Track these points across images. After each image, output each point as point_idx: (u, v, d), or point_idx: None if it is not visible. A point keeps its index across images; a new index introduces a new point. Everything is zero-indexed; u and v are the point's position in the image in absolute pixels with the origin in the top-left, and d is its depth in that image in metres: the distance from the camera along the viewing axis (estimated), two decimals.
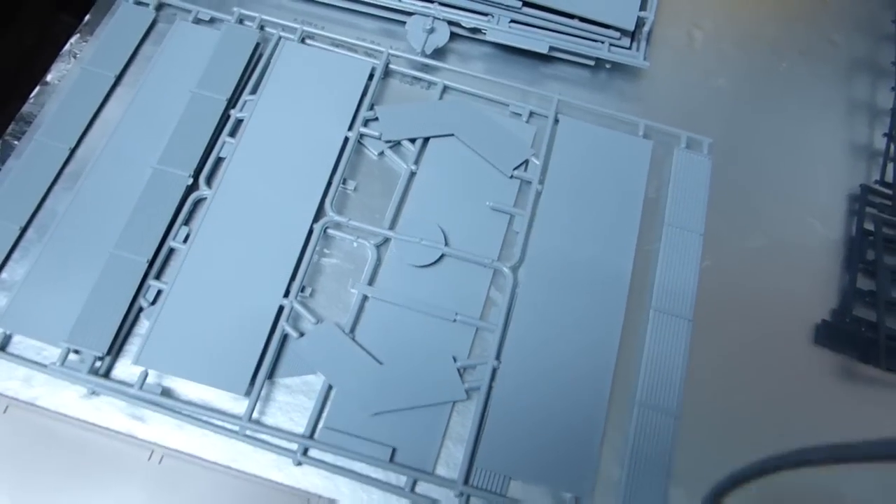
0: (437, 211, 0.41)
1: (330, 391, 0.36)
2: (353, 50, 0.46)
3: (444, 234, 0.40)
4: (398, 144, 0.43)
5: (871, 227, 0.44)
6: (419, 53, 0.45)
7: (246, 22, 0.46)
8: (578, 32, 0.46)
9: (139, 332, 0.37)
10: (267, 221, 0.39)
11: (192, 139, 0.41)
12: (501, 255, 0.41)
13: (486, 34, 0.46)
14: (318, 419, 0.36)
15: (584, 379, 0.38)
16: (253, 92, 0.43)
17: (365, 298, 0.39)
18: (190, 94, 0.42)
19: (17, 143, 0.41)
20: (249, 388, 0.35)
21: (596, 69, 0.48)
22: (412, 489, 0.35)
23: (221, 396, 0.36)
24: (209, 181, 0.41)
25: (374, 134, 0.43)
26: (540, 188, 0.42)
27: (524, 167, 0.43)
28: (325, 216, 0.40)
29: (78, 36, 0.45)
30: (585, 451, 0.36)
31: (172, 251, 0.39)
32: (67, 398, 0.35)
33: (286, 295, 0.38)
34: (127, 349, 0.37)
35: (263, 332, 0.37)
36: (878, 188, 0.46)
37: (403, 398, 0.36)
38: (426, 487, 0.35)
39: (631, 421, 0.37)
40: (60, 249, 0.37)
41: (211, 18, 0.46)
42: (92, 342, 0.35)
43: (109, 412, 0.35)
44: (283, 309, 0.37)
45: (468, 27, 0.46)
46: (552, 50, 0.46)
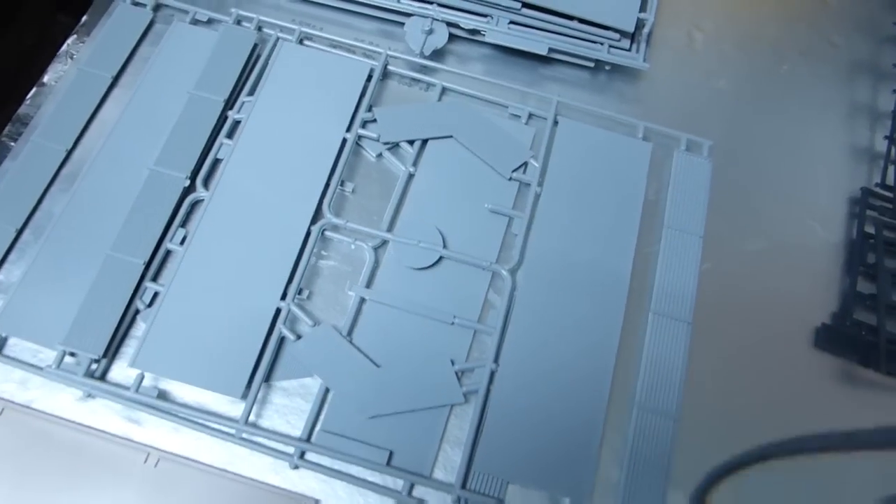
0: (435, 213, 0.41)
1: (327, 394, 0.36)
2: (351, 51, 0.46)
3: (442, 236, 0.40)
4: (396, 146, 0.43)
5: (871, 230, 0.44)
6: (418, 55, 0.45)
7: (244, 23, 0.46)
8: (578, 34, 0.46)
9: (135, 334, 0.37)
10: (264, 223, 0.39)
11: (189, 141, 0.40)
12: (500, 257, 0.40)
13: (485, 35, 0.46)
14: (314, 422, 0.36)
15: (583, 382, 0.37)
16: (251, 93, 0.43)
17: (362, 301, 0.38)
18: (187, 95, 0.42)
19: (13, 144, 0.41)
20: (246, 390, 0.35)
21: (595, 71, 0.48)
22: (409, 493, 0.35)
23: (218, 399, 0.36)
24: (206, 183, 0.40)
25: (372, 135, 0.42)
26: (539, 190, 0.42)
27: (523, 169, 0.43)
28: (322, 218, 0.40)
29: (75, 37, 0.45)
30: (584, 454, 0.36)
31: (169, 253, 0.39)
32: (63, 401, 0.35)
33: (283, 297, 0.37)
34: (123, 352, 0.36)
35: (260, 334, 0.36)
36: (878, 191, 0.45)
37: (401, 401, 0.36)
38: (423, 491, 0.35)
39: (630, 424, 0.37)
40: (57, 251, 0.37)
41: (208, 19, 0.46)
42: (88, 345, 0.35)
43: (105, 415, 0.35)
44: (280, 311, 0.37)
45: (467, 28, 0.46)
46: (551, 51, 0.46)
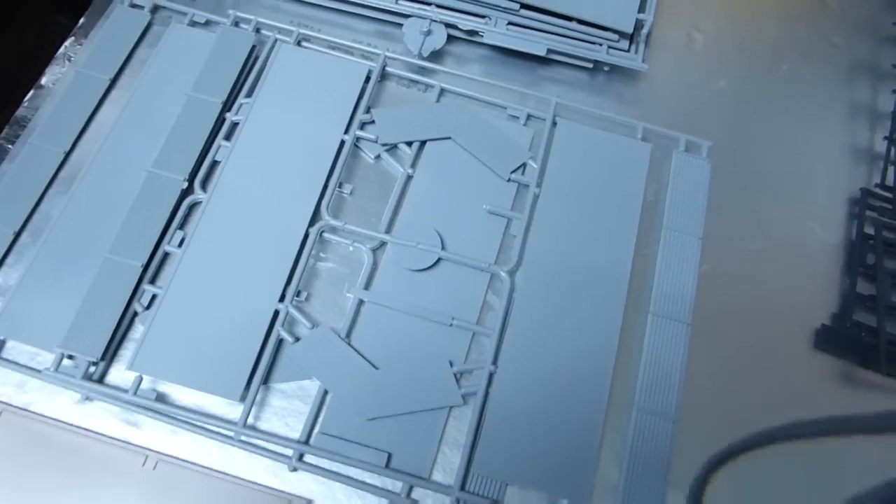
0: (433, 214, 0.41)
1: (326, 396, 0.36)
2: (349, 52, 0.46)
3: (440, 237, 0.40)
4: (395, 147, 0.43)
5: (871, 230, 0.44)
6: (416, 56, 0.45)
7: (242, 24, 0.46)
8: (576, 35, 0.46)
9: (134, 336, 0.37)
10: (262, 225, 0.39)
11: (187, 143, 0.40)
12: (498, 258, 0.40)
13: (483, 36, 0.46)
14: (313, 424, 0.35)
15: (581, 383, 0.37)
16: (249, 95, 0.43)
17: (361, 303, 0.38)
18: (185, 97, 0.42)
19: (11, 146, 0.41)
20: (244, 393, 0.35)
21: (594, 72, 0.48)
22: (408, 495, 0.35)
23: (216, 402, 0.36)
24: (204, 185, 0.40)
25: (370, 137, 0.42)
26: (537, 191, 0.42)
27: (522, 170, 0.43)
28: (320, 220, 0.40)
29: (73, 39, 0.45)
30: (583, 456, 0.36)
31: (167, 255, 0.39)
32: (61, 404, 0.35)
33: (281, 299, 0.37)
34: (121, 354, 0.36)
35: (258, 336, 0.36)
36: (878, 192, 0.45)
37: (399, 403, 0.36)
38: (422, 493, 0.35)
39: (629, 425, 0.37)
40: (55, 254, 0.37)
41: (206, 21, 0.46)
42: (86, 347, 0.35)
43: (103, 418, 0.35)
44: (278, 313, 0.37)
45: (465, 29, 0.46)
46: (550, 52, 0.46)
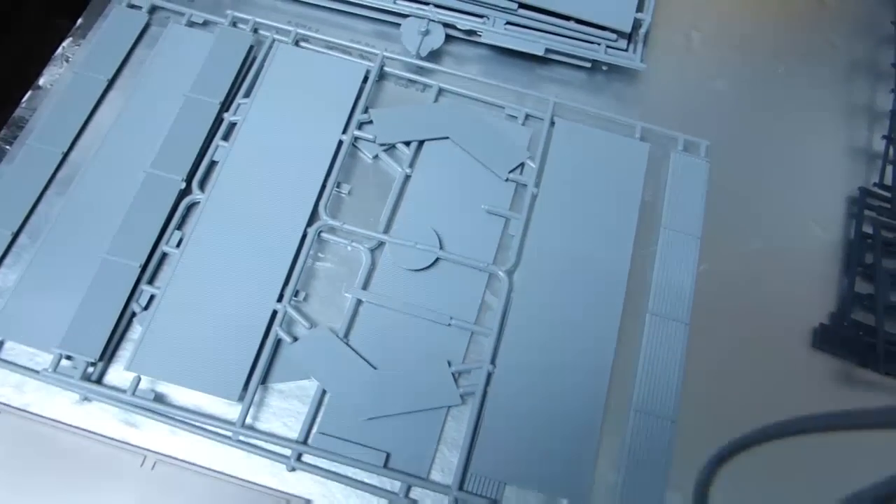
0: (431, 214, 0.41)
1: (324, 396, 0.36)
2: (347, 52, 0.46)
3: (438, 237, 0.40)
4: (393, 147, 0.43)
5: (869, 230, 0.44)
6: (414, 56, 0.45)
7: (239, 25, 0.45)
8: (575, 34, 0.46)
9: (132, 337, 0.37)
10: (260, 225, 0.39)
11: (185, 143, 0.40)
12: (497, 258, 0.40)
13: (481, 36, 0.46)
14: (311, 424, 0.36)
15: (580, 383, 0.37)
16: (247, 95, 0.43)
17: (359, 303, 0.38)
18: (183, 97, 0.42)
19: (9, 147, 0.41)
20: (243, 393, 0.35)
21: (592, 71, 0.48)
22: (406, 494, 0.35)
23: (215, 402, 0.36)
24: (202, 185, 0.40)
25: (368, 137, 0.42)
26: (536, 191, 0.42)
27: (520, 170, 0.43)
28: (319, 220, 0.40)
29: (70, 39, 0.45)
30: (581, 456, 0.36)
31: (165, 256, 0.39)
32: (60, 404, 0.35)
33: (280, 299, 0.37)
34: (120, 355, 0.36)
35: (257, 336, 0.36)
36: (876, 191, 0.45)
37: (398, 403, 0.36)
38: (420, 493, 0.35)
39: (627, 425, 0.37)
40: (53, 254, 0.37)
41: (204, 21, 0.45)
42: (84, 348, 0.35)
43: (102, 418, 0.35)
44: (276, 313, 0.37)
45: (463, 29, 0.46)
46: (548, 52, 0.46)
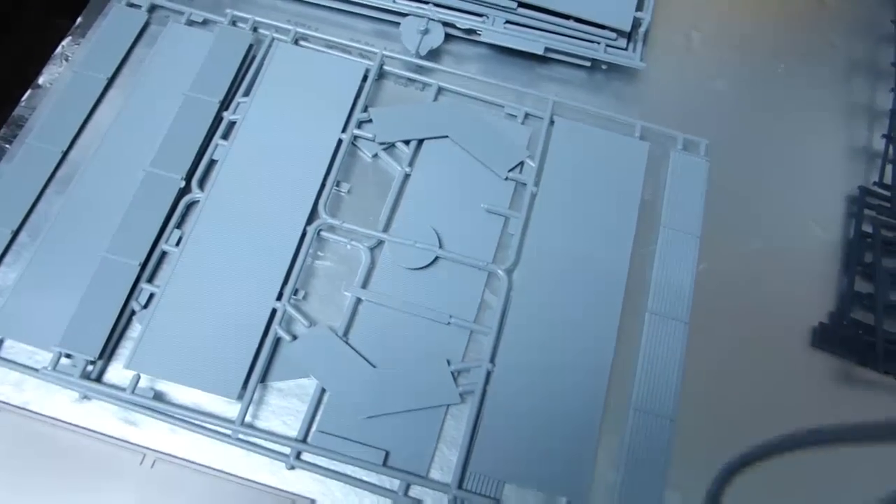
0: (431, 213, 0.41)
1: (323, 394, 0.36)
2: (346, 51, 0.46)
3: (438, 236, 0.40)
4: (392, 146, 0.43)
5: (869, 229, 0.44)
6: (414, 55, 0.45)
7: (239, 24, 0.45)
8: (574, 33, 0.46)
9: (131, 335, 0.37)
10: (260, 224, 0.39)
11: (184, 142, 0.40)
12: (496, 257, 0.40)
13: (481, 35, 0.46)
14: (311, 423, 0.36)
15: (579, 382, 0.37)
16: (246, 94, 0.43)
17: (358, 301, 0.38)
18: (183, 96, 0.42)
19: (8, 146, 0.41)
20: (242, 391, 0.35)
21: (592, 70, 0.48)
22: (405, 493, 0.35)
23: (214, 400, 0.36)
24: (202, 184, 0.40)
25: (368, 136, 0.42)
26: (535, 190, 0.42)
27: (519, 169, 0.43)
28: (318, 218, 0.40)
29: (70, 38, 0.45)
30: (580, 454, 0.36)
31: (165, 254, 0.39)
32: (59, 402, 0.35)
33: (279, 298, 0.37)
34: (119, 353, 0.36)
35: (256, 335, 0.36)
36: (876, 190, 0.45)
37: (397, 401, 0.36)
38: (420, 491, 0.35)
39: (626, 424, 0.37)
40: (52, 253, 0.37)
41: (204, 20, 0.45)
42: (84, 346, 0.35)
43: (101, 416, 0.35)
44: (275, 312, 0.37)
45: (463, 28, 0.46)
46: (548, 51, 0.46)
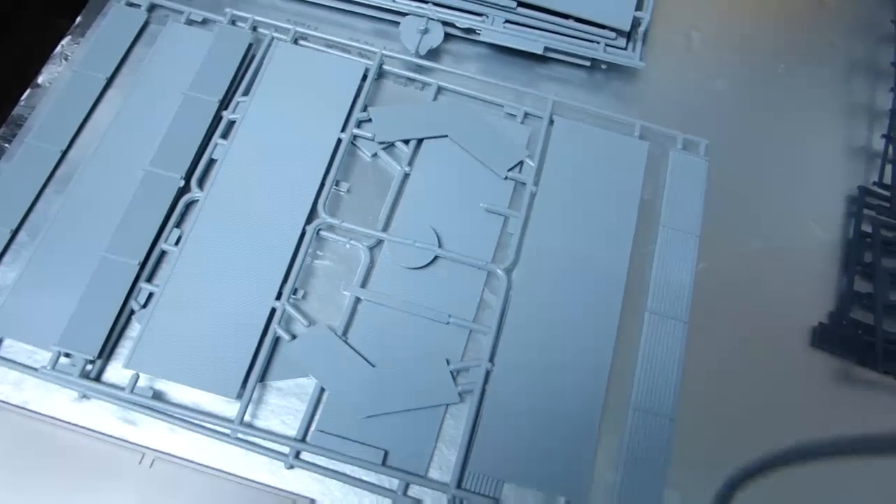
0: (430, 213, 0.41)
1: (322, 394, 0.36)
2: (346, 51, 0.46)
3: (437, 235, 0.40)
4: (392, 146, 0.43)
5: (868, 229, 0.44)
6: (413, 54, 0.45)
7: (238, 23, 0.45)
8: (574, 33, 0.46)
9: (130, 335, 0.37)
10: (259, 223, 0.39)
11: (184, 141, 0.40)
12: (495, 256, 0.40)
13: (480, 35, 0.46)
14: (310, 422, 0.36)
15: (578, 382, 0.37)
16: (245, 93, 0.43)
17: (358, 301, 0.38)
18: (182, 95, 0.42)
19: (7, 145, 0.41)
20: (241, 390, 0.35)
21: (592, 70, 0.48)
22: (405, 492, 0.35)
23: (213, 399, 0.36)
24: (201, 183, 0.40)
25: (367, 135, 0.42)
26: (534, 189, 0.42)
27: (519, 168, 0.43)
28: (317, 218, 0.40)
29: (69, 38, 0.45)
30: (580, 454, 0.36)
31: (164, 254, 0.39)
32: (58, 402, 0.35)
33: (278, 297, 0.37)
34: (118, 352, 0.36)
35: (255, 334, 0.36)
36: (876, 190, 0.45)
37: (396, 401, 0.36)
38: (419, 491, 0.35)
39: (626, 424, 0.37)
40: (52, 252, 0.37)
41: (203, 20, 0.45)
42: (83, 345, 0.35)
43: (100, 416, 0.35)
44: (274, 311, 0.37)
45: (462, 28, 0.46)
46: (547, 50, 0.46)
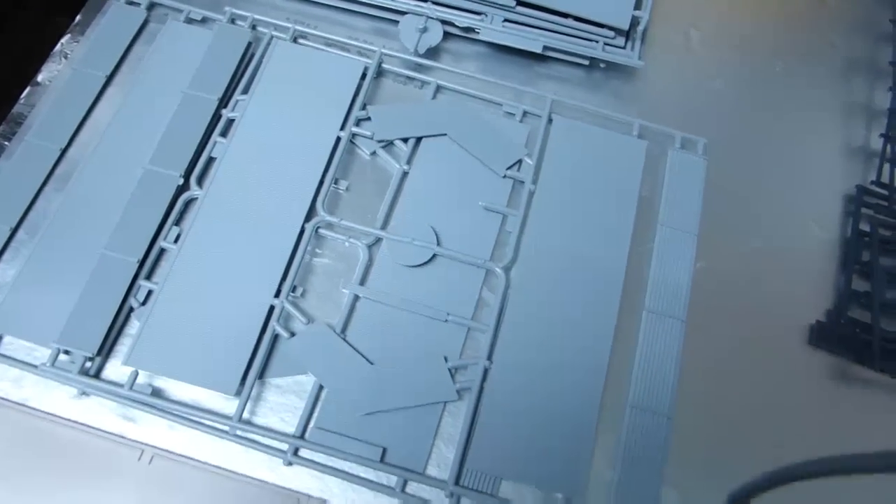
0: (429, 211, 0.41)
1: (321, 391, 0.36)
2: (345, 49, 0.46)
3: (436, 234, 0.40)
4: (391, 144, 0.43)
5: (866, 228, 0.44)
6: (412, 53, 0.45)
7: (238, 21, 0.46)
8: (573, 31, 0.46)
9: (130, 332, 0.37)
10: (258, 221, 0.39)
11: (183, 139, 0.40)
12: (494, 255, 0.40)
13: (479, 33, 0.46)
14: (308, 419, 0.36)
15: (576, 379, 0.38)
16: (245, 92, 0.43)
17: (356, 298, 0.38)
18: (181, 94, 0.42)
19: (7, 143, 0.41)
20: (240, 388, 0.35)
21: (590, 69, 0.48)
22: (403, 489, 0.35)
23: (212, 396, 0.36)
24: (200, 181, 0.40)
25: (366, 133, 0.42)
26: (533, 188, 0.42)
27: (517, 167, 0.43)
28: (316, 216, 0.40)
29: (69, 36, 0.45)
30: (577, 451, 0.36)
31: (163, 251, 0.39)
32: (58, 399, 0.35)
33: (277, 295, 0.38)
34: (117, 350, 0.37)
35: (254, 332, 0.36)
36: (874, 189, 0.45)
37: (395, 398, 0.36)
38: (417, 488, 0.35)
39: (623, 422, 0.37)
40: (51, 250, 0.37)
41: (203, 18, 0.45)
42: (82, 343, 0.35)
43: (100, 412, 0.35)
44: (273, 309, 0.37)
45: (462, 26, 0.46)
46: (546, 49, 0.46)
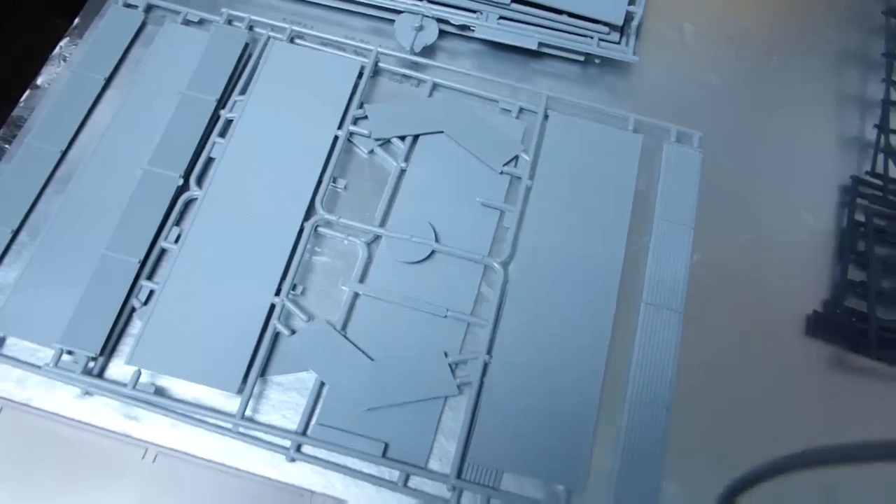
0: (427, 208, 0.41)
1: (322, 388, 0.36)
2: (342, 49, 0.46)
3: (434, 230, 0.40)
4: (388, 142, 0.43)
5: (861, 218, 0.44)
6: (408, 51, 0.46)
7: (235, 23, 0.46)
8: (567, 28, 0.46)
9: (132, 332, 0.37)
10: (257, 220, 0.39)
11: (182, 140, 0.41)
12: (492, 250, 0.41)
13: (475, 31, 0.46)
14: (310, 416, 0.36)
15: (575, 372, 0.38)
16: (242, 92, 0.43)
17: (356, 296, 0.39)
18: (180, 95, 0.42)
19: (7, 146, 0.41)
20: (242, 385, 0.36)
21: (586, 64, 0.48)
22: (405, 484, 0.35)
23: (214, 394, 0.36)
24: (200, 182, 0.41)
25: (363, 132, 0.43)
26: (530, 184, 0.42)
27: (514, 163, 0.43)
28: (315, 214, 0.40)
29: (68, 39, 0.45)
30: (577, 443, 0.36)
31: (164, 251, 0.39)
32: (61, 399, 0.36)
33: (277, 293, 0.38)
34: (120, 349, 0.37)
35: (255, 330, 0.37)
36: (869, 179, 0.46)
37: (395, 394, 0.36)
38: (419, 482, 0.35)
39: (623, 414, 0.37)
40: (52, 251, 0.38)
41: (200, 20, 0.46)
42: (85, 343, 0.35)
43: (103, 412, 0.36)
44: (274, 307, 0.37)
45: (457, 24, 0.46)
46: (541, 46, 0.46)
